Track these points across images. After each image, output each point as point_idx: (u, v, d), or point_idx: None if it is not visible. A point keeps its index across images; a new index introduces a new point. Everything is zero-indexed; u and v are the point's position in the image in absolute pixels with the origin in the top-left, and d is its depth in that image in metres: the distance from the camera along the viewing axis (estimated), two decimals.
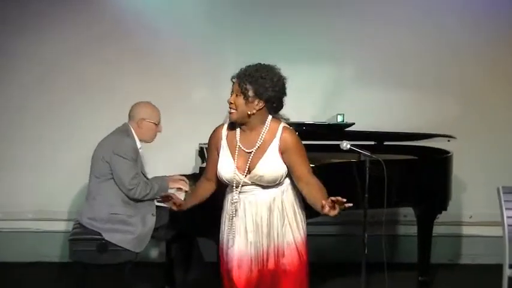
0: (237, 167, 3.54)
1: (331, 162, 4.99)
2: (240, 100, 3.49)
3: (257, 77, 3.47)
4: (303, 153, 3.53)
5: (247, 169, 3.52)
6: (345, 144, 4.34)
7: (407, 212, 5.99)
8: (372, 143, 5.57)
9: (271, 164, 3.50)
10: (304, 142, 4.96)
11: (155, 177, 4.93)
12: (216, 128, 3.69)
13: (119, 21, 6.11)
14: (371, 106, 6.18)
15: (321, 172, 4.46)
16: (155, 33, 6.13)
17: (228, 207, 3.65)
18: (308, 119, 5.35)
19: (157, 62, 6.14)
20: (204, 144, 5.21)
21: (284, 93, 3.58)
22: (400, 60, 6.31)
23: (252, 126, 3.55)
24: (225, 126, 3.66)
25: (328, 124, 5.36)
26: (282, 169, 3.52)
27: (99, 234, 4.57)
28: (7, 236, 6.23)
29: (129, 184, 4.58)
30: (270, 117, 3.57)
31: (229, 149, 3.59)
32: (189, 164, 5.88)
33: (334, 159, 5.07)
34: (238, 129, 3.60)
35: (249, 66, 3.54)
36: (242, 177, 3.54)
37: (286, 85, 3.62)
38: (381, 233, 4.69)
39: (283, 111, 3.69)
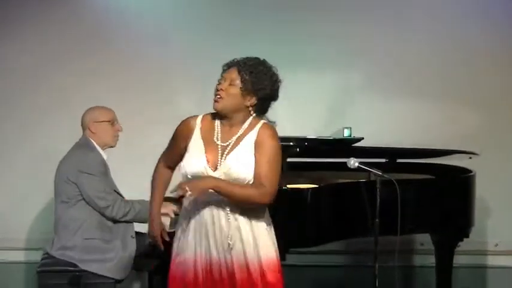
0: (208, 161, 3.49)
1: (337, 182, 4.97)
2: (234, 90, 3.45)
3: (259, 71, 3.46)
4: (272, 157, 3.43)
5: (218, 164, 3.48)
6: (353, 162, 4.33)
7: (424, 240, 5.97)
8: (383, 160, 5.56)
9: (243, 157, 3.44)
10: (306, 160, 4.93)
11: (134, 200, 4.86)
12: (189, 118, 3.64)
13: (100, 25, 6.20)
14: (381, 119, 6.23)
15: (326, 194, 4.41)
16: (140, 40, 6.20)
17: (186, 207, 3.61)
18: (311, 134, 5.34)
19: (142, 70, 6.20)
20: None
21: (277, 96, 3.55)
22: (414, 68, 6.37)
23: (234, 122, 3.51)
24: (200, 117, 3.61)
25: (334, 139, 5.36)
26: (252, 162, 3.46)
27: (74, 265, 4.52)
28: None
29: (103, 202, 4.54)
30: (254, 115, 3.53)
31: (203, 142, 3.54)
32: (173, 183, 5.78)
33: (341, 179, 5.06)
34: (217, 122, 3.56)
35: (248, 57, 3.52)
36: (211, 172, 3.48)
37: (284, 94, 3.59)
38: (394, 263, 4.62)
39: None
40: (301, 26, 6.26)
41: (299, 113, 6.27)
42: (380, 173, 4.31)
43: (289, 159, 4.79)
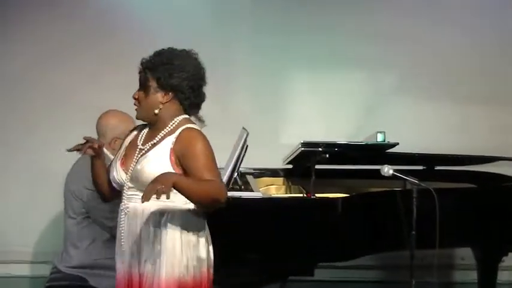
0: (122, 164, 3.49)
1: (369, 191, 4.94)
2: (141, 94, 3.44)
3: (158, 63, 3.40)
4: (202, 157, 3.35)
5: (131, 166, 3.44)
6: (387, 170, 4.32)
7: (465, 254, 5.90)
8: (420, 167, 5.52)
9: (154, 161, 3.37)
10: (337, 167, 4.86)
11: None
12: (133, 128, 3.68)
13: (100, 19, 6.21)
14: (418, 123, 6.21)
15: (358, 204, 4.36)
16: (146, 35, 6.17)
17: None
18: (341, 139, 5.26)
19: None
20: None
21: (200, 81, 3.49)
22: (454, 67, 6.29)
23: (159, 124, 3.46)
24: (141, 125, 3.63)
25: (366, 144, 5.25)
26: (160, 171, 3.32)
27: (84, 279, 4.52)
28: None
29: (110, 222, 4.45)
30: (182, 116, 3.48)
31: (126, 147, 3.56)
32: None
33: (374, 187, 5.05)
34: (146, 128, 3.56)
35: (154, 52, 3.47)
36: (124, 175, 3.47)
37: (314, 97, 3.53)
38: (432, 279, 4.60)
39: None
40: (331, 25, 6.25)
41: (329, 117, 6.29)
42: (416, 182, 4.28)
43: (318, 166, 4.74)
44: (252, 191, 4.69)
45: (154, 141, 3.43)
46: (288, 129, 6.27)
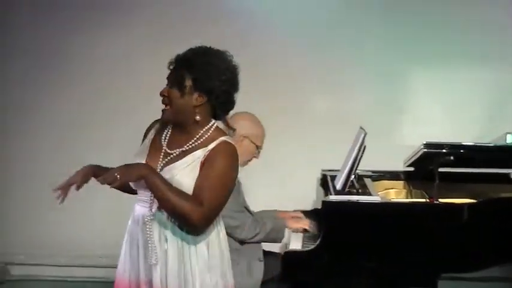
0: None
1: (498, 197, 4.79)
2: (175, 93, 3.33)
3: (197, 62, 3.31)
4: (216, 176, 3.26)
5: (159, 170, 3.36)
6: None
7: None
8: None
9: (182, 172, 3.29)
10: (462, 170, 4.74)
11: (263, 211, 4.88)
12: (156, 120, 3.55)
13: (237, 27, 6.25)
14: None
15: (485, 210, 4.23)
16: (270, 42, 6.20)
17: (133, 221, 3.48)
18: (467, 140, 5.14)
19: (272, 75, 6.18)
20: (328, 170, 5.21)
21: (234, 87, 3.39)
22: None
23: (188, 128, 3.38)
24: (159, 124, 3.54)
25: (495, 146, 5.16)
26: (192, 185, 3.29)
27: None
28: (32, 286, 6.40)
29: (233, 221, 4.49)
30: (214, 122, 3.40)
31: (149, 147, 3.45)
32: (308, 196, 5.74)
33: (503, 193, 4.89)
34: (169, 127, 3.46)
35: (191, 48, 3.38)
36: None
37: (437, 96, 3.42)
38: None
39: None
40: (450, 16, 6.13)
41: (454, 117, 6.16)
42: None
43: (441, 169, 4.63)
44: (370, 195, 4.63)
45: (184, 148, 3.35)
46: (410, 129, 6.16)
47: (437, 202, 4.46)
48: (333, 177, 4.93)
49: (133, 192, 3.47)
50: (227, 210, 4.47)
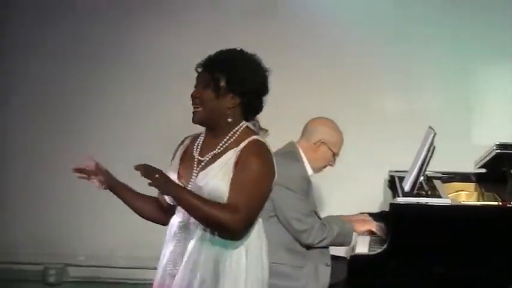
0: (179, 177, 3.37)
1: None
2: (209, 94, 3.30)
3: (232, 64, 3.31)
4: (248, 179, 3.21)
5: (191, 180, 3.33)
6: None
7: None
8: None
9: (217, 177, 3.25)
10: None
11: (329, 216, 4.85)
12: (186, 136, 3.53)
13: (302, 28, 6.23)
14: None
15: None
16: (325, 25, 6.18)
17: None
18: None
19: (329, 63, 6.18)
20: (396, 171, 5.17)
21: (265, 90, 3.37)
22: None
23: (219, 131, 3.35)
24: (193, 135, 3.50)
25: None
26: (227, 188, 3.25)
27: None
28: None
29: (300, 225, 4.49)
30: (244, 123, 3.37)
31: (180, 158, 3.43)
32: (375, 198, 5.71)
33: None
34: (202, 136, 3.43)
35: (221, 51, 3.36)
36: None
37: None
38: None
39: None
40: None
41: None
42: None
43: None
44: (440, 197, 4.59)
45: (215, 151, 3.32)
46: (481, 129, 6.07)
47: (511, 205, 4.40)
48: (401, 179, 4.89)
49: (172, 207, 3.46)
50: (295, 212, 4.50)
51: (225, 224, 3.14)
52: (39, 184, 6.41)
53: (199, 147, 3.39)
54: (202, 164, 3.32)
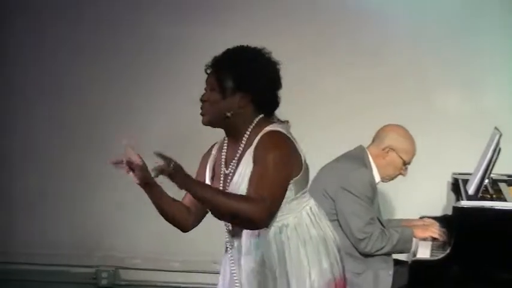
0: None
1: None
2: (215, 96, 3.28)
3: (237, 60, 3.29)
4: (267, 169, 3.20)
5: None
6: None
7: None
8: None
9: (242, 184, 3.26)
10: None
11: (389, 220, 4.84)
12: (211, 146, 3.53)
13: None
14: None
15: None
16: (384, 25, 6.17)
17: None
18: None
19: (390, 61, 6.15)
20: (460, 174, 5.12)
21: (278, 84, 3.34)
22: None
23: (236, 133, 3.34)
24: (220, 141, 3.48)
25: None
26: None
27: None
28: None
29: (359, 233, 4.46)
30: (258, 118, 3.34)
31: (209, 171, 3.43)
32: (438, 201, 5.65)
33: None
34: (225, 141, 3.41)
35: (227, 49, 3.34)
36: None
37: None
38: None
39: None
40: None
41: None
42: None
43: None
44: (506, 200, 4.54)
45: (237, 156, 3.32)
46: None
47: None
48: (465, 182, 4.85)
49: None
50: (356, 219, 4.59)
51: (252, 215, 3.13)
52: (91, 185, 6.47)
53: (223, 156, 3.39)
54: (229, 177, 3.33)
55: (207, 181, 3.41)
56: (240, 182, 3.28)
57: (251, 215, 3.14)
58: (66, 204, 6.50)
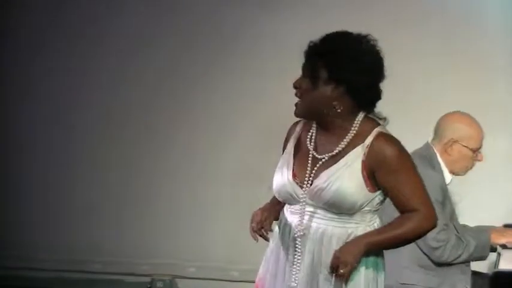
0: (294, 175, 3.31)
1: None
2: (306, 83, 3.25)
3: (331, 49, 3.21)
4: (406, 178, 3.25)
5: (309, 180, 3.28)
6: None
7: None
8: None
9: (343, 177, 3.22)
10: None
11: (464, 226, 4.74)
12: (296, 121, 3.47)
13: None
14: None
15: None
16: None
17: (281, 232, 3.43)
18: None
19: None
20: None
21: (377, 76, 3.25)
22: None
23: (330, 125, 3.28)
24: (304, 121, 3.43)
25: None
26: (358, 193, 3.23)
27: None
28: None
29: (433, 241, 4.40)
30: (361, 114, 3.28)
31: (294, 151, 3.37)
32: None
33: None
34: (314, 127, 3.35)
35: (324, 35, 3.25)
36: (299, 189, 3.29)
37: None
38: None
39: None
40: None
41: None
42: None
43: None
44: None
45: (337, 150, 3.26)
46: None
47: None
48: None
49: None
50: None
51: (427, 227, 3.28)
52: (150, 192, 6.51)
53: (313, 140, 3.34)
54: (320, 163, 3.28)
55: (290, 157, 3.38)
56: (340, 175, 3.22)
57: (427, 227, 3.29)
58: (121, 211, 6.55)
